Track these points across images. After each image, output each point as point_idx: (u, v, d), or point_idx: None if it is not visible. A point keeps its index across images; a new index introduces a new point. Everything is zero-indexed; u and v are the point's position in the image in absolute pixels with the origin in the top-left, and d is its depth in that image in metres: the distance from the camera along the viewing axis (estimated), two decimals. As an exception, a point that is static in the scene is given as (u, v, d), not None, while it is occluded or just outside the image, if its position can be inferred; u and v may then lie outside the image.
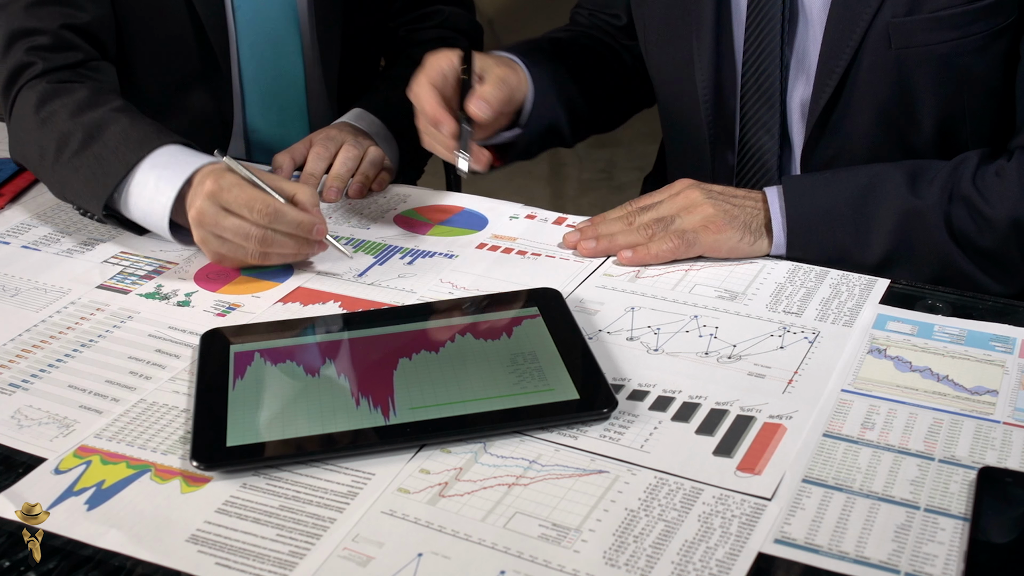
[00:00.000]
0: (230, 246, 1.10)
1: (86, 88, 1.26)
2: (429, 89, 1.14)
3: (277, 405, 0.91)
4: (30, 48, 1.30)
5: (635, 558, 0.74)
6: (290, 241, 1.10)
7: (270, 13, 1.47)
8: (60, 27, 1.32)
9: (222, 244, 1.10)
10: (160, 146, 1.17)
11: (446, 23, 1.63)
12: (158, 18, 1.41)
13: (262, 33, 1.47)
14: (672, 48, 1.27)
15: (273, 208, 1.08)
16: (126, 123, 1.19)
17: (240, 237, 1.09)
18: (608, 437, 0.87)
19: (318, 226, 1.10)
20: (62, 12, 1.32)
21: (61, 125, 1.22)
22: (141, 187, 1.15)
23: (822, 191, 1.11)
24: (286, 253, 1.12)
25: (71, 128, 1.20)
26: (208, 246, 1.11)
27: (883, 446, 0.85)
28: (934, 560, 0.73)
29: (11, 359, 1.00)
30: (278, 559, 0.75)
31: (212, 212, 1.08)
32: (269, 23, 1.47)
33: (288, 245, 1.11)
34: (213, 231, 1.09)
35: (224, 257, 1.12)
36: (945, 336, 0.99)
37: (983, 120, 1.15)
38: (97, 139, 1.18)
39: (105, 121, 1.20)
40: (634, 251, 1.13)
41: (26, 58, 1.29)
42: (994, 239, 1.07)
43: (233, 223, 1.08)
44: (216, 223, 1.08)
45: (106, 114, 1.21)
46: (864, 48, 1.12)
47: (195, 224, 1.10)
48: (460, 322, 1.01)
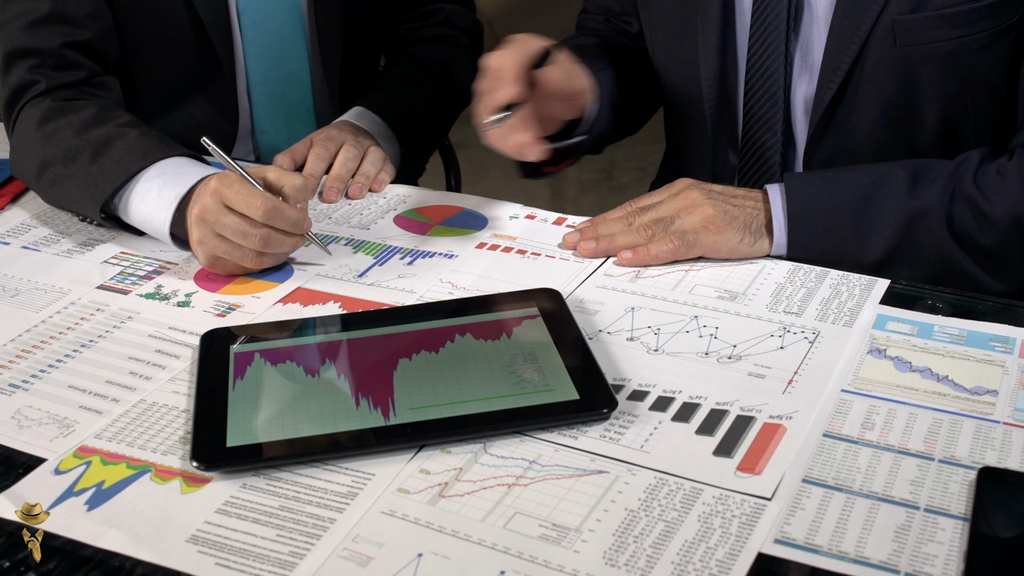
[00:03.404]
0: (228, 246, 1.10)
1: (93, 106, 1.26)
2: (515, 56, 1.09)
3: (277, 405, 0.91)
4: (32, 67, 1.29)
5: (635, 558, 0.74)
6: (287, 240, 1.11)
7: (276, 15, 1.47)
8: (61, 46, 1.30)
9: (220, 244, 1.10)
10: (166, 157, 1.17)
11: (447, 21, 1.63)
12: (161, 24, 1.41)
13: (268, 36, 1.47)
14: (677, 46, 1.27)
15: (272, 205, 1.08)
16: (133, 136, 1.19)
17: (239, 236, 1.08)
18: (608, 437, 0.87)
19: (308, 220, 1.12)
20: (63, 31, 1.31)
21: (67, 142, 1.21)
22: (144, 193, 1.15)
23: (824, 190, 1.11)
24: (281, 253, 1.12)
25: (78, 144, 1.20)
26: (205, 246, 1.10)
27: (883, 446, 0.85)
28: (934, 560, 0.73)
29: (11, 359, 1.00)
30: (278, 559, 0.75)
31: (214, 208, 1.08)
32: (275, 25, 1.47)
33: (284, 244, 1.11)
34: (214, 228, 1.09)
35: (218, 260, 1.11)
36: (945, 336, 0.99)
37: (985, 118, 1.15)
38: (104, 154, 1.18)
39: (112, 136, 1.20)
40: (634, 252, 1.13)
41: (29, 76, 1.29)
42: (995, 238, 1.07)
43: (233, 221, 1.08)
44: (217, 220, 1.08)
45: (113, 130, 1.20)
46: (869, 45, 1.12)
47: (197, 222, 1.10)
48: (460, 322, 1.01)
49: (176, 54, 1.43)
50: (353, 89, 1.57)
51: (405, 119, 1.52)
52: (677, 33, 1.27)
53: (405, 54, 1.60)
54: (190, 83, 1.46)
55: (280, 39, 1.48)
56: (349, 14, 1.52)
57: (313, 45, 1.51)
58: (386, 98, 1.52)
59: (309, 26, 1.50)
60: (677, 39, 1.27)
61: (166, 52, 1.43)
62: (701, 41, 1.22)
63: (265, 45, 1.48)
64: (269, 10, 1.46)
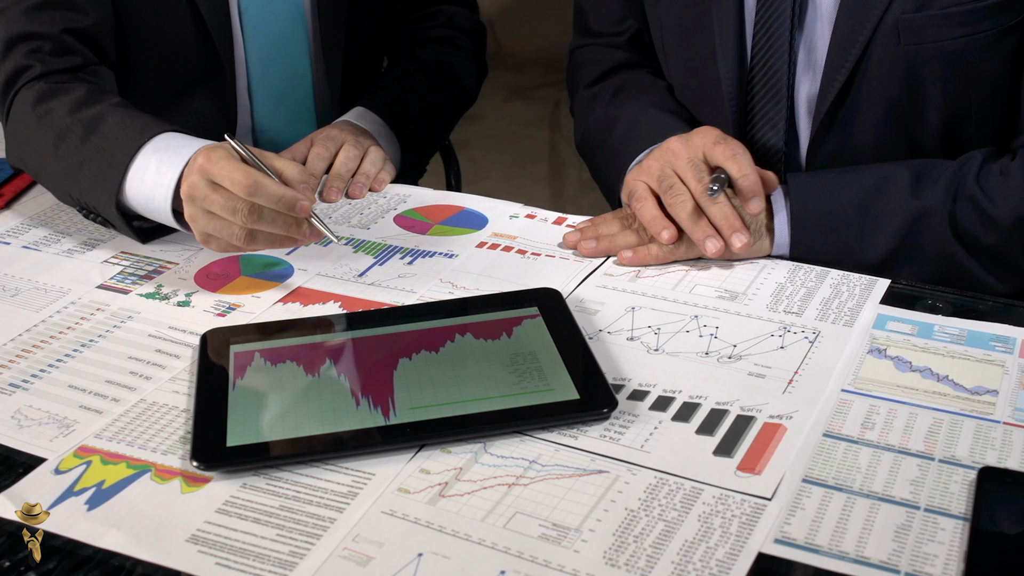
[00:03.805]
0: (218, 223, 1.06)
1: (84, 87, 1.26)
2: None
3: (277, 405, 0.91)
4: (29, 52, 1.29)
5: (635, 558, 0.74)
6: (278, 218, 1.06)
7: (278, 16, 1.47)
8: (61, 31, 1.30)
9: (210, 221, 1.07)
10: (160, 133, 1.16)
11: (449, 23, 1.63)
12: (161, 22, 1.40)
13: (270, 36, 1.47)
14: (692, 45, 1.26)
15: (253, 180, 1.04)
16: (124, 115, 1.18)
17: (227, 212, 1.05)
18: (608, 437, 0.87)
19: (301, 202, 1.05)
20: (63, 16, 1.31)
21: (59, 121, 1.21)
22: (143, 172, 1.13)
23: (828, 190, 1.11)
24: (274, 233, 1.07)
25: (70, 123, 1.20)
26: (197, 224, 1.08)
27: (883, 446, 0.85)
28: (934, 560, 0.73)
29: (11, 359, 1.00)
30: (278, 559, 0.75)
31: (202, 186, 1.06)
32: (277, 25, 1.47)
33: (276, 223, 1.06)
34: (203, 205, 1.07)
35: (211, 237, 1.08)
36: (945, 336, 0.99)
37: (989, 118, 1.15)
38: (96, 132, 1.17)
39: (103, 114, 1.19)
40: (634, 251, 1.13)
41: (24, 61, 1.29)
42: (999, 238, 1.07)
43: (220, 197, 1.05)
44: (205, 196, 1.06)
45: (104, 108, 1.20)
46: (873, 44, 1.12)
47: (187, 200, 1.08)
48: (460, 322, 1.01)
49: (176, 52, 1.43)
50: (355, 90, 1.57)
51: (406, 119, 1.52)
52: (690, 32, 1.26)
53: (407, 55, 1.60)
54: (190, 81, 1.46)
55: (282, 40, 1.48)
56: (352, 15, 1.52)
57: (315, 46, 1.51)
58: (387, 98, 1.52)
59: (311, 27, 1.50)
60: (691, 38, 1.26)
61: (166, 49, 1.43)
62: (718, 41, 1.22)
63: (267, 46, 1.48)
64: (272, 11, 1.46)
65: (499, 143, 3.62)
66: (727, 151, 1.10)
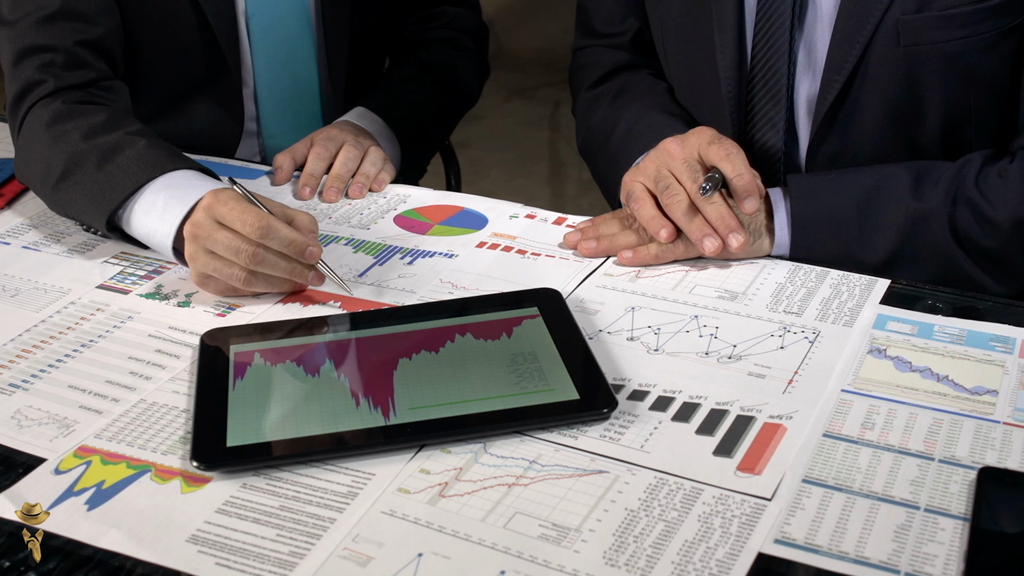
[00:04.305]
0: (219, 263, 1.06)
1: (103, 112, 1.23)
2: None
3: (277, 405, 0.91)
4: (41, 66, 1.27)
5: (635, 558, 0.74)
6: (281, 262, 1.06)
7: (285, 20, 1.47)
8: (75, 44, 1.29)
9: (211, 260, 1.06)
10: (174, 169, 1.14)
11: (452, 24, 1.64)
12: (168, 28, 1.40)
13: (278, 40, 1.47)
14: (692, 45, 1.26)
15: (267, 222, 1.04)
16: (142, 146, 1.16)
17: (231, 252, 1.04)
18: (608, 437, 0.87)
19: (311, 248, 1.06)
20: (75, 28, 1.29)
21: (74, 146, 1.19)
22: (149, 205, 1.12)
23: (828, 191, 1.11)
24: (275, 277, 1.07)
25: (85, 149, 1.18)
26: (197, 263, 1.07)
27: (883, 446, 0.85)
28: (934, 560, 0.73)
29: (11, 359, 1.00)
30: (278, 559, 0.75)
31: (207, 224, 1.05)
32: (284, 29, 1.47)
33: (279, 267, 1.06)
34: (205, 244, 1.06)
35: (209, 279, 1.07)
36: (945, 336, 0.99)
37: (988, 119, 1.15)
38: (111, 161, 1.16)
39: (120, 144, 1.17)
40: (634, 252, 1.13)
41: (37, 75, 1.27)
42: (997, 241, 1.07)
43: (225, 237, 1.04)
44: (209, 235, 1.05)
45: (121, 137, 1.18)
46: (873, 44, 1.12)
47: (189, 238, 1.07)
48: (460, 322, 1.01)
49: (182, 55, 1.43)
50: (358, 92, 1.57)
51: (406, 120, 1.53)
52: (690, 32, 1.26)
53: (409, 56, 1.61)
54: (196, 84, 1.46)
55: (288, 44, 1.49)
56: (356, 18, 1.52)
57: (321, 50, 1.51)
58: (388, 99, 1.53)
59: (317, 31, 1.50)
60: (692, 37, 1.26)
61: (172, 52, 1.43)
62: (718, 41, 1.22)
63: (274, 50, 1.48)
64: (278, 15, 1.46)
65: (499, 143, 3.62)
66: (722, 151, 1.10)
